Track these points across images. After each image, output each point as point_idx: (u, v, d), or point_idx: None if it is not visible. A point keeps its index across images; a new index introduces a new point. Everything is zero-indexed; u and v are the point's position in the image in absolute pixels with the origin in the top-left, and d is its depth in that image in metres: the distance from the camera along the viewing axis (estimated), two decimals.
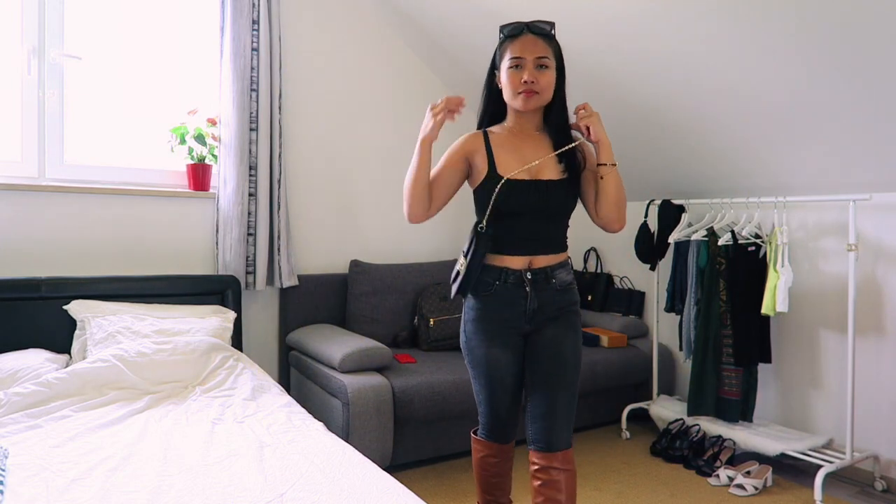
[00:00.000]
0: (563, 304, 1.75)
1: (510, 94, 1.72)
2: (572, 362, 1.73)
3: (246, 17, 2.95)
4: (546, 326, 1.74)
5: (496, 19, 2.94)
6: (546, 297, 1.72)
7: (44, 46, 2.70)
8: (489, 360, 1.75)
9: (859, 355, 2.69)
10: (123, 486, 1.45)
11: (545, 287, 1.72)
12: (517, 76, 1.68)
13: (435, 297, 3.32)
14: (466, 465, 2.80)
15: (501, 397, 1.78)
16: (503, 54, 1.73)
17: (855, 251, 2.57)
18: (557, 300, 1.74)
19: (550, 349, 1.72)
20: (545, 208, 1.69)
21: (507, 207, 1.68)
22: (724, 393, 2.93)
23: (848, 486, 2.70)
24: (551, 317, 1.74)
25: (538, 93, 1.68)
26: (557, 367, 1.72)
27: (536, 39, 1.69)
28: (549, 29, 1.73)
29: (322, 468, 1.57)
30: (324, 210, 3.41)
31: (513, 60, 1.69)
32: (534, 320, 1.73)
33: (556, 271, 1.73)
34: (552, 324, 1.74)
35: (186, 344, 2.38)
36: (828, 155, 2.62)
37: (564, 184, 1.72)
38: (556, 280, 1.73)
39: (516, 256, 1.72)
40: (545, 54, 1.68)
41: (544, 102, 1.73)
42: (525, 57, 1.67)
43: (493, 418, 1.82)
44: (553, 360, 1.72)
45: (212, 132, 3.03)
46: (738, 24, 2.29)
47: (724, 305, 2.91)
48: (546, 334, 1.74)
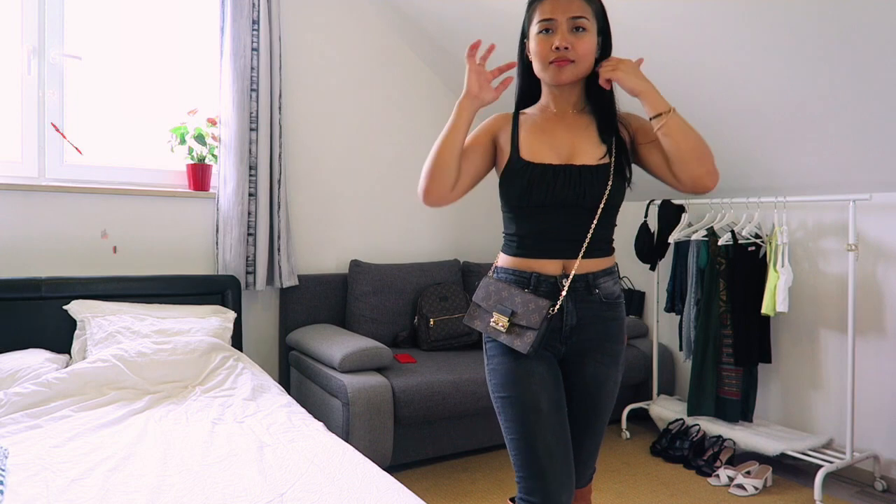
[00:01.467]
0: (609, 329, 1.44)
1: (540, 66, 1.40)
2: (609, 404, 1.47)
3: (246, 17, 2.95)
4: (586, 358, 1.43)
5: (499, 17, 2.94)
6: (588, 311, 1.41)
7: (44, 46, 2.70)
8: (518, 376, 1.38)
9: (859, 355, 2.69)
10: (123, 486, 1.45)
11: (586, 298, 1.40)
12: (547, 42, 1.36)
13: (435, 297, 3.32)
14: (466, 465, 2.80)
15: (540, 432, 1.33)
16: (531, 18, 1.42)
17: (855, 251, 2.57)
18: (602, 317, 1.43)
19: (589, 390, 1.44)
20: (579, 200, 1.37)
21: (532, 199, 1.38)
22: (724, 393, 2.94)
23: (848, 486, 2.70)
24: (593, 345, 1.43)
25: (573, 61, 1.36)
26: (593, 411, 1.45)
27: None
28: None
29: (322, 468, 1.57)
30: (324, 210, 3.41)
31: (542, 24, 1.37)
32: (570, 341, 1.42)
33: (599, 280, 1.42)
34: (593, 356, 1.43)
35: (186, 344, 2.38)
36: (828, 155, 2.62)
37: (605, 170, 1.38)
38: (601, 291, 1.41)
39: (547, 260, 1.40)
40: (582, 14, 1.36)
41: (583, 73, 1.40)
42: (556, 18, 1.35)
43: (533, 467, 1.32)
44: (590, 403, 1.44)
45: (212, 132, 3.03)
46: (739, 26, 2.29)
47: (724, 305, 2.91)
48: (586, 371, 1.43)
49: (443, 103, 3.80)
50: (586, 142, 1.42)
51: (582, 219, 1.39)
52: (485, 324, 1.42)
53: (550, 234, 1.40)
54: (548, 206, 1.39)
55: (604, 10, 1.44)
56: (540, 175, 1.38)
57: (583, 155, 1.40)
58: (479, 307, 1.45)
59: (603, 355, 1.44)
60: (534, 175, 1.38)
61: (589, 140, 1.42)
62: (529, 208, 1.41)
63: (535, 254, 1.42)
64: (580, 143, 1.41)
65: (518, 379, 1.38)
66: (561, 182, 1.37)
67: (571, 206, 1.38)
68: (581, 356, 1.43)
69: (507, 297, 1.39)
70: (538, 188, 1.38)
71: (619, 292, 1.47)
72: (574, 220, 1.40)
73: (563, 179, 1.37)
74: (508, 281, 1.44)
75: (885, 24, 1.99)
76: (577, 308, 1.40)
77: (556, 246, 1.41)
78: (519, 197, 1.40)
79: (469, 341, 3.27)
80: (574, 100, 1.47)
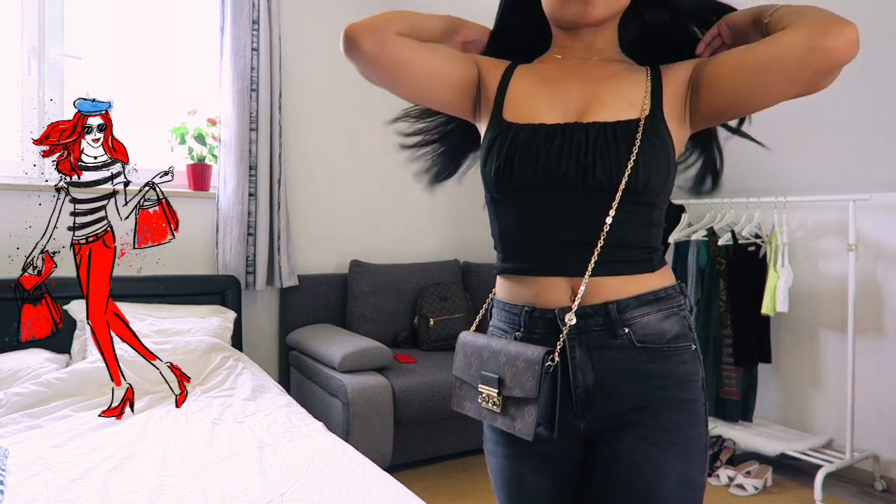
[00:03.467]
0: (659, 384, 0.88)
1: (554, 2, 0.94)
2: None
3: (246, 17, 2.95)
4: (623, 433, 0.88)
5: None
6: (611, 363, 0.88)
7: (44, 46, 2.70)
8: (508, 479, 0.98)
9: (859, 355, 2.69)
10: (123, 486, 1.45)
11: (606, 343, 0.88)
12: None
13: (435, 297, 3.32)
14: (466, 465, 2.80)
15: None
16: None
17: (855, 251, 2.57)
18: (641, 374, 0.88)
19: (631, 486, 0.86)
20: (586, 177, 0.86)
21: (513, 179, 0.90)
22: (724, 393, 2.93)
23: (848, 486, 2.70)
24: (630, 415, 0.88)
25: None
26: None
27: None
28: None
29: (322, 468, 1.57)
30: (324, 210, 3.41)
31: None
32: (590, 413, 0.90)
33: (630, 311, 0.88)
34: (632, 429, 0.88)
35: (186, 344, 2.38)
36: (828, 155, 2.62)
37: (631, 128, 0.87)
38: (634, 329, 0.88)
39: (544, 278, 0.90)
40: None
41: (621, 7, 0.94)
42: None
43: None
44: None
45: (212, 132, 3.03)
46: None
47: (723, 305, 2.91)
48: (619, 451, 0.88)
49: None
50: (610, 94, 0.91)
51: (594, 208, 0.87)
52: (476, 406, 0.90)
53: (543, 234, 0.89)
54: (537, 189, 0.88)
55: None
56: (526, 141, 0.89)
57: (601, 108, 0.90)
58: (463, 382, 0.94)
59: (648, 425, 0.87)
60: (517, 141, 0.89)
61: (616, 91, 0.92)
62: (510, 193, 0.91)
63: (523, 269, 0.91)
64: (601, 95, 0.91)
65: (504, 484, 0.99)
66: (556, 149, 0.87)
67: (573, 188, 0.87)
68: (614, 431, 0.89)
69: (491, 356, 0.88)
70: (521, 161, 0.88)
71: (674, 331, 0.90)
72: (581, 209, 0.88)
73: (559, 145, 0.87)
74: (497, 324, 0.97)
75: (884, 24, 1.99)
76: (594, 358, 0.88)
77: (554, 255, 0.89)
78: (496, 176, 0.91)
79: None
80: (602, 46, 0.98)
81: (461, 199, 3.88)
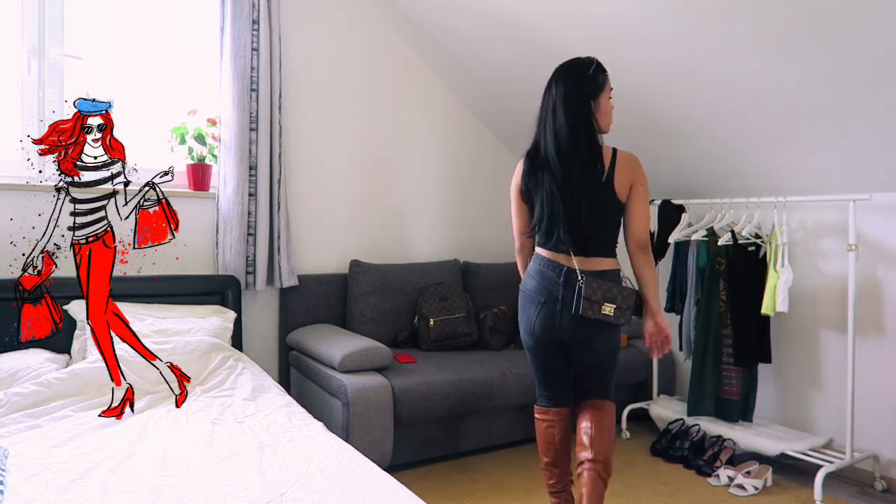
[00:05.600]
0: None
1: (609, 121, 2.01)
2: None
3: (246, 17, 2.95)
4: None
5: (498, 16, 2.95)
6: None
7: (44, 46, 2.70)
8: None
9: (859, 355, 2.69)
10: (123, 486, 1.45)
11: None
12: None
13: (435, 297, 3.32)
14: (466, 465, 2.80)
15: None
16: (606, 85, 1.98)
17: (855, 251, 2.57)
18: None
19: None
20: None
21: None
22: (724, 393, 2.94)
23: (848, 486, 2.70)
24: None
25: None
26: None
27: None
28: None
29: (322, 468, 1.57)
30: (324, 210, 3.41)
31: (611, 93, 2.02)
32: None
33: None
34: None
35: (186, 344, 2.38)
36: (827, 155, 2.62)
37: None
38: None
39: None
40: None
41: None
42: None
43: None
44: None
45: (212, 132, 3.03)
46: (739, 25, 2.29)
47: (724, 305, 2.91)
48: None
49: (443, 102, 3.81)
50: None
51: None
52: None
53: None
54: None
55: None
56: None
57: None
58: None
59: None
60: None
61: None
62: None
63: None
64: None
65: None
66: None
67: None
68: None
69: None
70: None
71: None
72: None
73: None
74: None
75: (884, 24, 1.99)
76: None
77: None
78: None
79: (469, 341, 3.27)
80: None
81: (461, 199, 3.88)
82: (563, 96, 1.89)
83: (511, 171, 2.15)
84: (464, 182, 3.89)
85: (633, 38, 2.62)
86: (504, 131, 3.92)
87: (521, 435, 3.03)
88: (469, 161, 3.91)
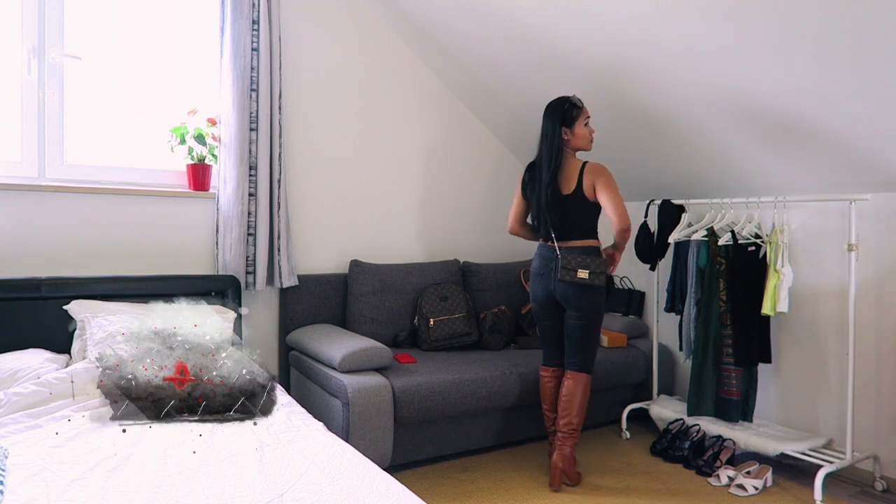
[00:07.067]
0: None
1: (587, 142, 2.64)
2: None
3: (246, 17, 2.95)
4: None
5: (497, 16, 2.95)
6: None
7: (44, 46, 2.70)
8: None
9: (859, 355, 2.69)
10: (123, 486, 1.45)
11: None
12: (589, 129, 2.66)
13: (435, 297, 3.32)
14: (466, 465, 2.80)
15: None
16: (581, 114, 2.61)
17: (855, 251, 2.57)
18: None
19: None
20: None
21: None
22: (724, 393, 2.93)
23: (848, 486, 2.70)
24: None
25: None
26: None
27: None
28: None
29: (322, 468, 1.57)
30: (324, 210, 3.41)
31: (588, 118, 2.65)
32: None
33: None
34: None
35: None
36: (827, 155, 2.62)
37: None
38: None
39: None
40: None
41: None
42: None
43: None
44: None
45: (212, 132, 3.03)
46: (740, 26, 2.29)
47: (724, 305, 2.91)
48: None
49: (443, 103, 3.80)
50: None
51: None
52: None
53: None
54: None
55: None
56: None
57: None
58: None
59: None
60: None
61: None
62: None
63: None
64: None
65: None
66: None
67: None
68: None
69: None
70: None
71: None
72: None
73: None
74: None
75: (884, 24, 1.99)
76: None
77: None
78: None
79: (469, 341, 3.27)
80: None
81: (461, 199, 3.88)
82: (543, 129, 2.62)
83: (511, 171, 2.22)
84: (464, 182, 3.89)
85: (634, 39, 2.62)
86: (504, 132, 3.92)
87: (521, 435, 3.03)
88: (469, 161, 3.91)
